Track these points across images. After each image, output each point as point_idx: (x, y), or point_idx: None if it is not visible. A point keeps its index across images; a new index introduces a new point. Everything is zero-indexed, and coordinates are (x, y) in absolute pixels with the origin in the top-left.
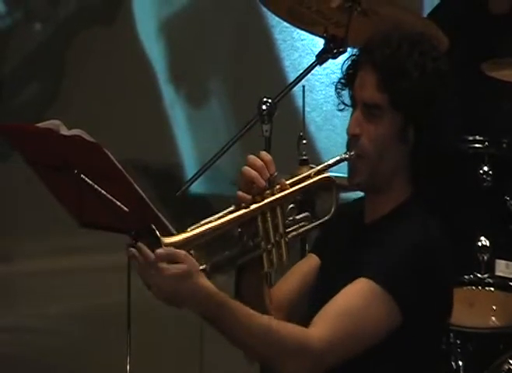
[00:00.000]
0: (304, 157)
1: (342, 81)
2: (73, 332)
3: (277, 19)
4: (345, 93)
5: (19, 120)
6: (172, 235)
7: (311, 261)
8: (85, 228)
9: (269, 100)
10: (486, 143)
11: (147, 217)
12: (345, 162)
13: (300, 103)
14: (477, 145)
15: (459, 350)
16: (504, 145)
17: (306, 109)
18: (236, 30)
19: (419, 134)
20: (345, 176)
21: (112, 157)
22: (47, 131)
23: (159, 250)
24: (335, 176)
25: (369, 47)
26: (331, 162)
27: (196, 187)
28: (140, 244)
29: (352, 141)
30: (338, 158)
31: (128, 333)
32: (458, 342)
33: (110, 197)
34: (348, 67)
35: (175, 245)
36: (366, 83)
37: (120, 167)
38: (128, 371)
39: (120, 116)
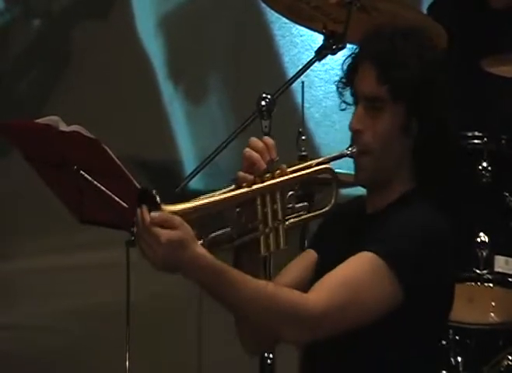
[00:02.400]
0: (303, 153)
1: (343, 79)
2: (73, 329)
3: (276, 14)
4: (347, 92)
5: (18, 116)
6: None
7: (309, 256)
8: (85, 225)
9: (268, 96)
10: (485, 139)
11: None
12: (351, 159)
13: (299, 99)
14: (476, 141)
15: (458, 346)
16: (503, 141)
17: (306, 105)
18: (234, 26)
19: (421, 126)
20: (346, 172)
21: (111, 153)
22: (45, 127)
23: (153, 214)
24: (337, 172)
25: (366, 42)
26: (332, 155)
27: (195, 183)
28: (144, 207)
29: (355, 136)
30: (339, 152)
31: (128, 331)
32: (457, 338)
33: (110, 193)
34: (349, 66)
35: (174, 213)
36: (366, 77)
37: (119, 163)
38: (127, 368)
39: (118, 112)
